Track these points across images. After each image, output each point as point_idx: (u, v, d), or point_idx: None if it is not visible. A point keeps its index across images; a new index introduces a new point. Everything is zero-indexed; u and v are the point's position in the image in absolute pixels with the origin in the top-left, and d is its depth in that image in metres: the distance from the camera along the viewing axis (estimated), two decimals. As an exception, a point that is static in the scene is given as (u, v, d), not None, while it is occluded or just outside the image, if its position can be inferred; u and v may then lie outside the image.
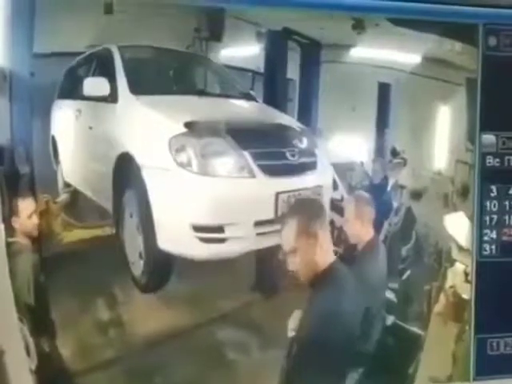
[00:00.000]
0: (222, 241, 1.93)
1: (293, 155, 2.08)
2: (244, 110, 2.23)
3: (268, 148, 2.05)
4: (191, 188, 1.93)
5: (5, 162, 1.74)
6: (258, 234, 1.99)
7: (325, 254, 1.65)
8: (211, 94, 2.25)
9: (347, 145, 2.16)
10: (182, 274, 2.05)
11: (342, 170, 2.23)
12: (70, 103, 2.11)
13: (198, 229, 1.92)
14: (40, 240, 1.83)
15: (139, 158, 1.96)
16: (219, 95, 2.27)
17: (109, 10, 1.92)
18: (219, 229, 1.93)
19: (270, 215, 2.00)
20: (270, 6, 1.92)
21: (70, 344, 1.83)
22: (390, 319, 2.15)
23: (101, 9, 1.89)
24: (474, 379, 2.02)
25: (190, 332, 1.99)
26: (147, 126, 2.00)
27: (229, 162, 1.96)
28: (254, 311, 2.05)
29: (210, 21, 2.08)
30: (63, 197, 2.06)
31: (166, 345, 1.94)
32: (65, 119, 2.12)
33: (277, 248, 2.09)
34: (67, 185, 2.13)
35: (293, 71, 2.20)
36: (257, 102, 2.20)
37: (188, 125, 1.95)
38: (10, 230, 1.71)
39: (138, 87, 2.07)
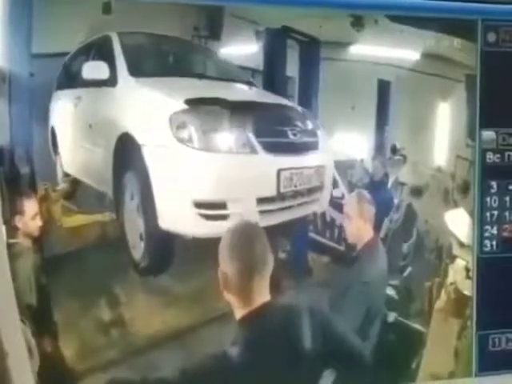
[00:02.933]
0: (224, 217, 1.91)
1: (294, 134, 2.07)
2: (245, 91, 2.21)
3: (269, 126, 2.04)
4: (193, 164, 1.91)
5: (5, 163, 1.74)
6: (261, 212, 1.98)
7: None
8: (211, 78, 2.23)
9: (347, 142, 2.16)
10: (183, 273, 2.05)
11: (342, 167, 2.23)
12: (69, 92, 2.09)
13: (200, 205, 1.90)
14: (41, 240, 1.83)
15: (139, 137, 1.93)
16: (219, 79, 2.24)
17: (107, 9, 1.92)
18: (222, 205, 1.91)
19: (273, 192, 2.00)
20: (269, 5, 1.92)
21: (73, 345, 1.83)
22: (392, 316, 2.15)
23: (99, 8, 1.89)
24: (476, 375, 2.03)
25: (192, 331, 2.00)
26: (147, 105, 1.98)
27: (230, 137, 1.94)
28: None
29: (208, 19, 2.08)
30: (63, 185, 2.05)
31: (168, 344, 1.94)
32: (64, 108, 2.10)
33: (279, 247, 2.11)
34: (66, 175, 2.12)
35: (292, 69, 2.20)
36: (257, 88, 2.19)
37: (189, 102, 1.93)
38: (11, 232, 1.71)
39: (138, 70, 2.05)
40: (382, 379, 1.98)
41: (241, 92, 2.21)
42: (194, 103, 1.94)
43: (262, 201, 1.98)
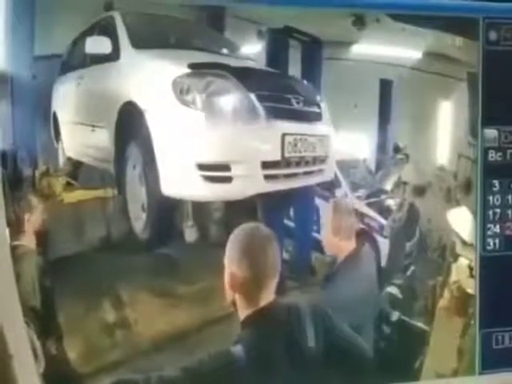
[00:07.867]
0: (227, 180, 1.90)
1: (298, 102, 2.07)
2: (248, 62, 2.19)
3: (273, 92, 2.02)
4: (196, 127, 1.89)
5: (8, 165, 1.74)
6: (266, 177, 1.97)
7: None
8: (213, 52, 2.21)
9: (350, 142, 2.16)
10: (187, 274, 2.05)
11: (345, 167, 2.23)
12: (71, 75, 2.09)
13: (203, 167, 1.88)
14: (45, 242, 1.83)
15: (142, 104, 1.92)
16: (221, 54, 2.23)
17: (109, 9, 1.92)
18: (225, 167, 1.90)
19: (277, 156, 1.98)
20: (271, 5, 1.92)
21: (77, 346, 1.83)
22: (395, 315, 2.15)
23: (101, 9, 1.89)
24: (480, 373, 2.03)
25: (196, 332, 2.00)
26: (150, 72, 1.96)
27: (234, 101, 1.93)
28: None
29: (210, 20, 2.08)
30: (64, 167, 2.05)
31: (173, 345, 1.94)
32: (66, 90, 2.09)
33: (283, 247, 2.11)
34: (68, 159, 2.11)
35: (294, 69, 2.19)
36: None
37: (192, 66, 1.92)
38: (14, 234, 1.71)
39: (140, 43, 2.04)
40: (386, 378, 1.98)
41: (244, 62, 2.18)
42: (198, 67, 1.93)
43: (266, 164, 1.96)
